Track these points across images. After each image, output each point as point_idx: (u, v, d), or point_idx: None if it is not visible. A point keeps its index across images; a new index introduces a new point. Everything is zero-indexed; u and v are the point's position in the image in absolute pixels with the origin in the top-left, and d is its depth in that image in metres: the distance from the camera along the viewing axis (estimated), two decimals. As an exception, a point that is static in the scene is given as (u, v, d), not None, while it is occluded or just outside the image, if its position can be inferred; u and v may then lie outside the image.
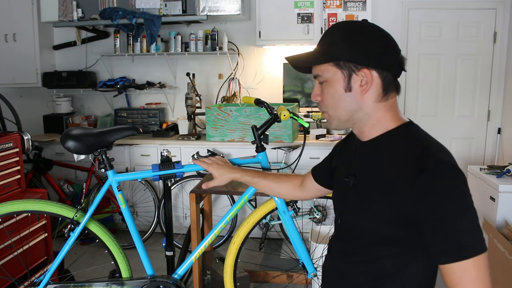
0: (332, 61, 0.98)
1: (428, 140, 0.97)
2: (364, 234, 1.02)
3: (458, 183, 0.89)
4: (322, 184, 1.32)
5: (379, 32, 0.99)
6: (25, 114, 3.59)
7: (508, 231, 2.41)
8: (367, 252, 1.02)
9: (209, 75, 4.18)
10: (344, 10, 3.64)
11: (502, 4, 3.75)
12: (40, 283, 1.97)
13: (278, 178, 1.47)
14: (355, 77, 0.97)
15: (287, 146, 3.48)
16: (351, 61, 0.96)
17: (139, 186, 3.75)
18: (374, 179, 0.99)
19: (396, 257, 0.97)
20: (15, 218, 2.35)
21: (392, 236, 0.96)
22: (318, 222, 3.52)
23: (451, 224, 0.86)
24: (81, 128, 2.00)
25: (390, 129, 1.00)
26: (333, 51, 0.98)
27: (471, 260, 0.85)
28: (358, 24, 1.01)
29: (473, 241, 0.86)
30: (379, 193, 0.96)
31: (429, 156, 0.91)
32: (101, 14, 3.73)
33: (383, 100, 0.99)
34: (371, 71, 0.96)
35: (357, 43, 0.96)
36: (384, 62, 0.97)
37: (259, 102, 2.02)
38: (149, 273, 2.03)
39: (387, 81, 0.98)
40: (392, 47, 0.98)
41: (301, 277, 2.63)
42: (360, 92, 0.97)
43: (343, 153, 1.18)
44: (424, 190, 0.88)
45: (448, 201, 0.87)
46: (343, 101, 0.99)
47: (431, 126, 3.90)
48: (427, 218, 0.88)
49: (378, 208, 0.96)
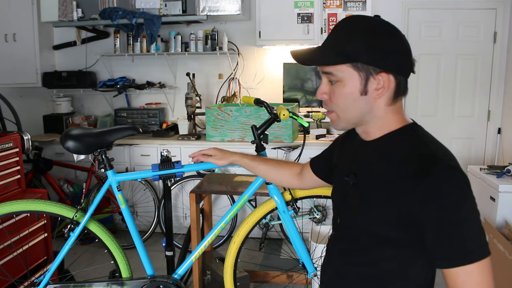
0: (350, 62, 0.92)
1: (433, 142, 0.95)
2: (363, 234, 1.00)
3: (464, 188, 0.87)
4: (320, 176, 1.31)
5: (396, 33, 0.94)
6: (25, 114, 3.59)
7: (508, 231, 2.41)
8: (366, 253, 1.00)
9: (209, 75, 4.18)
10: (344, 10, 3.64)
11: (502, 4, 3.75)
12: (40, 283, 1.97)
13: (278, 164, 1.47)
14: (372, 80, 0.92)
15: (287, 146, 3.47)
16: (370, 64, 0.91)
17: (139, 186, 3.75)
18: (375, 179, 0.97)
19: (396, 259, 0.96)
20: (14, 218, 2.35)
21: (391, 237, 0.94)
22: (318, 222, 3.52)
23: (456, 229, 0.85)
24: (81, 128, 2.00)
25: (394, 130, 0.99)
26: (351, 51, 0.91)
27: (475, 264, 0.84)
28: (375, 22, 0.94)
29: (477, 246, 0.85)
30: (379, 193, 0.95)
31: (436, 159, 0.89)
32: (101, 14, 3.73)
33: (393, 103, 0.97)
34: (389, 76, 0.92)
35: (377, 45, 0.91)
36: (401, 66, 0.94)
37: (259, 101, 2.03)
38: (149, 273, 2.03)
39: (401, 85, 0.95)
40: (408, 50, 0.95)
41: (301, 277, 2.63)
42: (375, 96, 0.94)
43: (344, 150, 1.16)
44: (430, 193, 0.86)
45: (454, 206, 0.85)
46: (356, 104, 0.95)
47: (431, 126, 3.85)
48: (432, 221, 0.86)
49: (378, 209, 0.95)
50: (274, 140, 3.49)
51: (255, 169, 1.50)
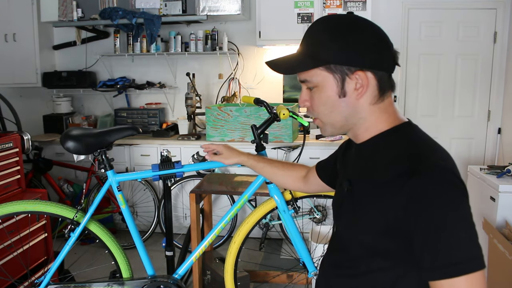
0: (322, 65, 0.88)
1: (424, 141, 0.89)
2: (353, 245, 0.94)
3: (452, 191, 0.79)
4: (325, 181, 1.29)
5: (369, 26, 0.89)
6: (25, 114, 3.59)
7: (508, 231, 2.41)
8: (357, 265, 0.93)
9: (209, 75, 4.18)
10: (344, 10, 3.64)
11: (502, 4, 3.75)
12: (41, 283, 1.97)
13: (284, 166, 1.46)
14: (348, 81, 0.87)
15: (287, 146, 3.47)
16: (343, 64, 0.86)
17: (139, 186, 3.75)
18: (365, 185, 0.91)
19: (388, 272, 0.88)
20: (15, 219, 2.35)
21: (381, 248, 0.87)
22: (318, 222, 3.52)
23: (441, 235, 0.77)
24: (81, 128, 2.00)
25: (384, 130, 0.92)
26: (322, 53, 0.87)
27: (463, 278, 0.75)
28: (345, 20, 0.89)
29: (466, 258, 0.76)
30: (367, 199, 0.89)
31: (423, 158, 0.83)
32: (101, 14, 3.73)
33: (379, 102, 0.91)
34: (366, 73, 0.87)
35: (348, 43, 0.86)
36: (379, 61, 0.88)
37: (259, 101, 2.03)
38: (150, 273, 2.03)
39: (383, 81, 0.89)
40: (385, 42, 0.89)
41: (302, 277, 2.63)
42: (355, 96, 0.89)
43: (345, 156, 1.11)
44: (414, 195, 0.79)
45: (439, 210, 0.77)
46: (336, 108, 0.90)
47: (431, 126, 3.92)
48: (416, 227, 0.79)
49: (366, 216, 0.88)
50: (274, 140, 3.48)
51: (261, 171, 1.50)
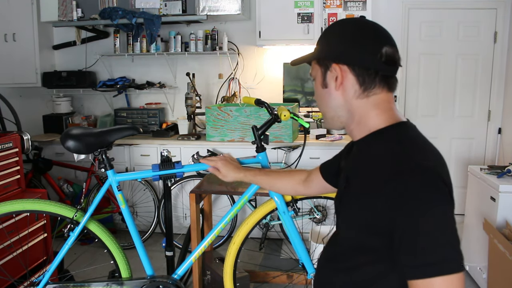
0: (314, 59, 1.01)
1: (412, 141, 0.91)
2: (345, 240, 1.00)
3: (433, 192, 0.80)
4: (329, 181, 1.30)
5: (357, 26, 0.97)
6: (25, 114, 3.59)
7: (509, 231, 2.41)
8: (346, 259, 0.98)
9: (209, 75, 4.17)
10: (344, 10, 3.64)
11: (502, 4, 3.75)
12: (40, 283, 1.97)
13: (279, 175, 1.47)
14: (329, 74, 0.97)
15: (287, 146, 3.47)
16: (323, 58, 0.98)
17: (139, 186, 3.75)
18: (357, 182, 0.95)
19: (376, 267, 0.91)
20: (14, 218, 2.35)
21: (368, 244, 0.90)
22: (318, 222, 3.52)
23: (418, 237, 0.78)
24: (81, 128, 2.00)
25: (377, 129, 0.95)
26: (316, 49, 1.02)
27: (439, 279, 0.76)
28: (341, 21, 1.01)
29: (444, 259, 0.77)
30: (356, 197, 0.93)
31: (405, 158, 0.85)
32: (101, 14, 3.73)
33: (363, 97, 0.95)
34: (341, 66, 0.95)
35: (331, 40, 0.98)
36: (358, 57, 0.93)
37: (260, 102, 2.02)
38: (149, 273, 2.02)
39: (363, 77, 0.93)
40: (369, 41, 0.93)
41: (301, 277, 2.63)
42: (334, 87, 0.97)
43: (349, 153, 1.12)
44: (394, 195, 0.81)
45: (416, 210, 0.79)
46: (323, 97, 1.01)
47: (431, 126, 3.91)
48: (396, 227, 0.81)
49: (350, 211, 0.94)
50: (274, 140, 3.48)
51: (260, 183, 1.53)
